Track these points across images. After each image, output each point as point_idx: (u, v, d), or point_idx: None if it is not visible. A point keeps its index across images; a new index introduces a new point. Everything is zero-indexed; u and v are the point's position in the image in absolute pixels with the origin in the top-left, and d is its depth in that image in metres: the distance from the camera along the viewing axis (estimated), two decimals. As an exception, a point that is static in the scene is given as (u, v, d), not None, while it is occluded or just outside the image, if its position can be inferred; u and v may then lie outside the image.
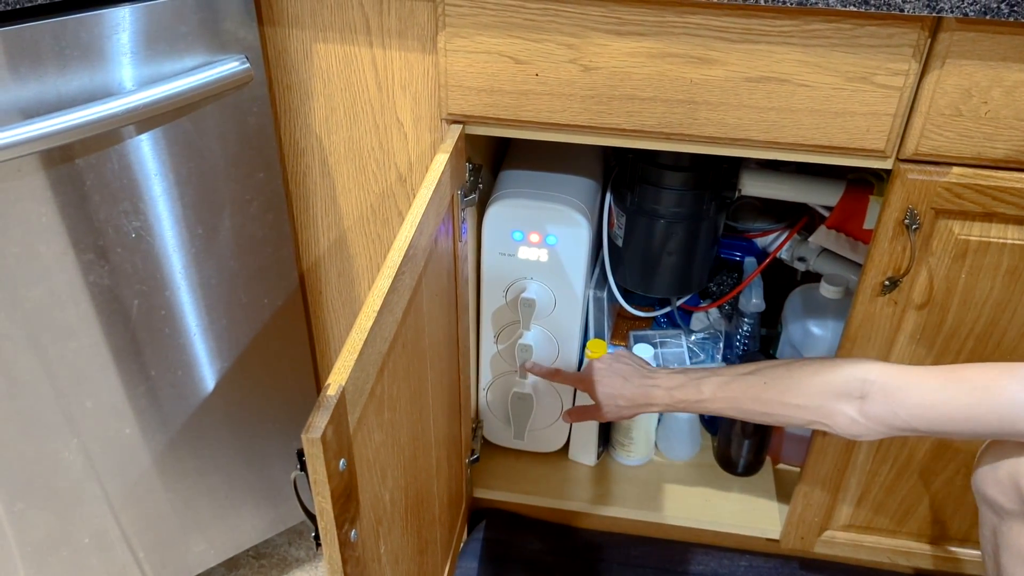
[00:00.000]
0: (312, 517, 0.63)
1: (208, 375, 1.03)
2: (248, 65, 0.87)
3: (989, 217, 0.87)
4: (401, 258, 0.73)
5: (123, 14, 0.79)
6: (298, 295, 1.07)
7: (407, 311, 0.77)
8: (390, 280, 0.70)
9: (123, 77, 0.81)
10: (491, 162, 1.18)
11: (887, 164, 0.88)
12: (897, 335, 0.96)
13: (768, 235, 1.30)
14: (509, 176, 1.12)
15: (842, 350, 0.99)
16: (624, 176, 1.16)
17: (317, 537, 0.64)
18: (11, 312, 0.84)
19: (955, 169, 0.86)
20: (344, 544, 0.64)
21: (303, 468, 0.59)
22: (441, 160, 0.87)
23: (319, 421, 0.57)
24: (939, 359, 0.97)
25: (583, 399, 1.22)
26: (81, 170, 0.83)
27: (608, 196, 1.19)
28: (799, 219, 1.26)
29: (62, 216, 0.84)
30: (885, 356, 0.98)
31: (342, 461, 0.62)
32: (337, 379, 0.61)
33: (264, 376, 1.09)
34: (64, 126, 0.77)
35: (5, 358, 0.86)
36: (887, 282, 0.92)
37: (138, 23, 0.80)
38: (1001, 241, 0.88)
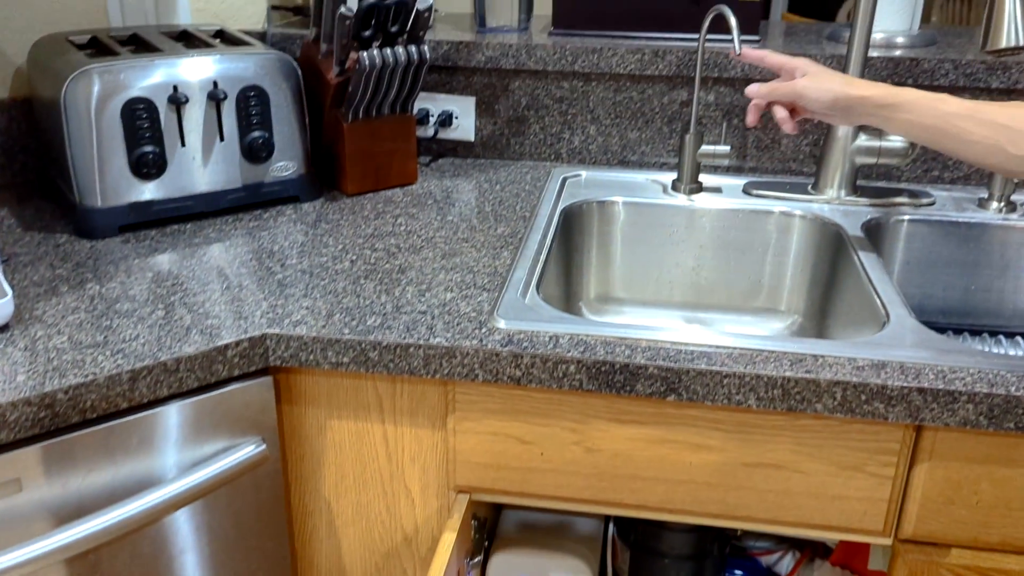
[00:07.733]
0: None
1: None
2: (265, 447, 0.90)
3: (994, 596, 0.88)
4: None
5: (156, 416, 0.83)
6: (299, 653, 1.04)
7: None
8: None
9: (151, 469, 0.84)
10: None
11: (887, 542, 0.89)
12: None
13: (772, 555, 1.29)
14: (510, 517, 1.13)
15: None
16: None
17: None
18: None
19: (954, 551, 0.87)
20: None
21: None
22: (449, 540, 0.88)
23: None
24: None
25: None
26: (100, 558, 0.84)
27: (611, 527, 1.20)
28: (804, 541, 1.26)
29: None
30: None
31: None
32: None
33: None
34: (92, 531, 0.79)
35: None
36: (900, 655, 0.91)
37: (169, 421, 0.84)
38: (1009, 619, 0.88)
